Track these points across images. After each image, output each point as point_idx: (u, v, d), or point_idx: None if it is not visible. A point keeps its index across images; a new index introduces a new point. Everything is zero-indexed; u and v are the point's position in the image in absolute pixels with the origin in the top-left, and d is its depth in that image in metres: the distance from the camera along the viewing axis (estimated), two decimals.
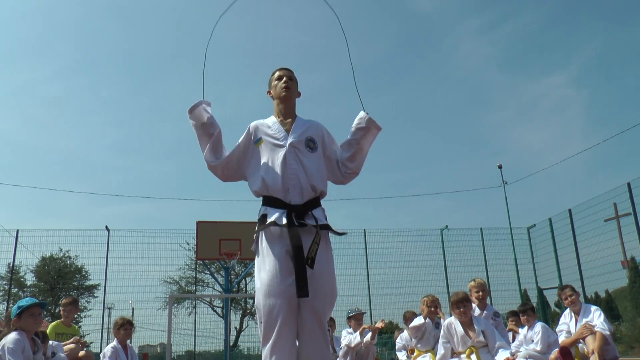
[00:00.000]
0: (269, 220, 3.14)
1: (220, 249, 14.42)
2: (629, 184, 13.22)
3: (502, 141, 47.58)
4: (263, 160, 3.29)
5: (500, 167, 17.32)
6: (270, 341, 2.98)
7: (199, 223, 15.00)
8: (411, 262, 16.94)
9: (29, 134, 49.85)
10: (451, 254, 17.21)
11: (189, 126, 3.40)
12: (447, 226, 17.39)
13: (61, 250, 19.71)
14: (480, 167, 46.06)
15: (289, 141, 3.29)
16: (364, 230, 17.04)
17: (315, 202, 3.27)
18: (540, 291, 16.37)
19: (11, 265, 16.39)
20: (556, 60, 50.34)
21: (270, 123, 3.42)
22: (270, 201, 3.24)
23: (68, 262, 21.06)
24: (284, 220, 3.11)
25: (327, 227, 3.22)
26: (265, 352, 3.01)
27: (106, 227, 16.02)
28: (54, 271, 20.71)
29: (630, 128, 15.51)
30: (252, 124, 3.44)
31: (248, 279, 22.61)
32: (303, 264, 2.98)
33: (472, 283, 6.57)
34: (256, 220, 3.28)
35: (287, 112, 3.45)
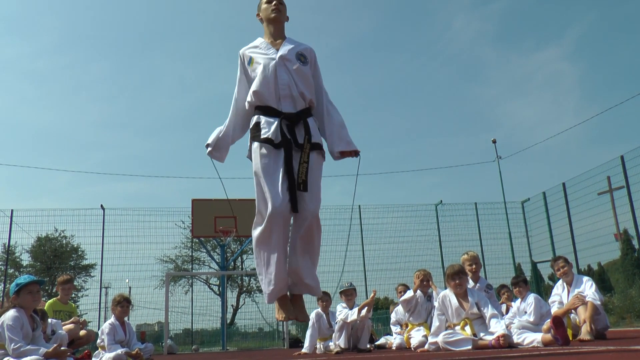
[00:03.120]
0: (263, 133, 3.23)
1: (216, 226, 14.48)
2: (622, 157, 13.27)
3: (496, 116, 47.69)
4: (256, 75, 3.34)
5: (494, 141, 17.34)
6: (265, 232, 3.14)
7: (194, 201, 15.03)
8: (406, 238, 17.05)
9: (16, 111, 49.51)
10: (446, 229, 17.34)
11: (180, 102, 3.48)
12: (441, 201, 17.48)
13: (56, 230, 19.73)
14: (474, 142, 46.16)
15: (279, 54, 3.36)
16: (359, 206, 17.13)
17: (306, 111, 3.36)
18: (534, 265, 16.51)
19: (6, 245, 16.41)
20: (550, 35, 50.21)
21: (258, 43, 3.49)
22: (263, 110, 3.32)
23: (64, 242, 21.06)
24: (278, 137, 3.20)
25: (316, 146, 3.32)
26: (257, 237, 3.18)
27: (101, 206, 16.04)
28: (49, 251, 20.72)
29: (624, 101, 15.46)
30: (241, 50, 3.51)
31: (244, 257, 22.71)
32: (294, 184, 3.14)
33: (465, 256, 6.63)
34: (251, 197, 3.36)
35: (276, 34, 3.51)
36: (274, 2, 3.50)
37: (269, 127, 3.23)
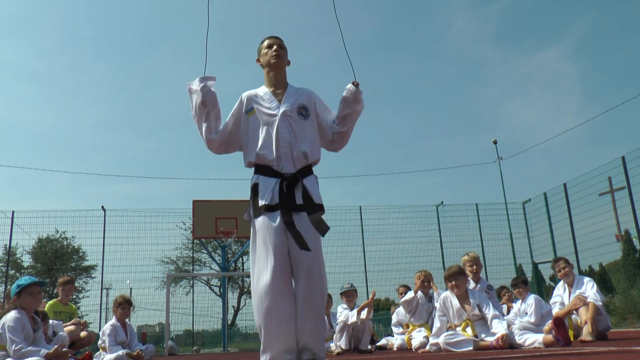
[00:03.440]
0: (260, 197, 3.19)
1: (217, 227, 14.46)
2: (623, 158, 13.26)
3: (496, 116, 47.66)
4: (256, 130, 3.30)
5: (495, 142, 17.33)
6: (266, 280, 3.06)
7: (195, 202, 15.02)
8: (407, 238, 17.02)
9: (16, 112, 49.58)
10: (447, 230, 17.30)
11: (180, 103, 3.43)
12: (442, 202, 17.46)
13: (57, 231, 19.73)
14: (475, 142, 46.15)
15: (281, 110, 3.30)
16: (360, 207, 17.10)
17: (307, 170, 3.30)
18: (535, 265, 16.49)
19: (7, 246, 16.41)
20: (550, 35, 50.20)
21: (262, 93, 3.42)
22: (262, 170, 3.27)
23: (65, 243, 21.05)
24: (275, 199, 3.15)
25: (316, 208, 3.22)
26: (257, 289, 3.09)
27: (102, 207, 16.03)
28: (50, 252, 20.71)
29: (625, 102, 15.50)
30: (244, 94, 3.44)
31: (245, 258, 22.68)
32: (298, 235, 3.06)
33: (466, 257, 6.63)
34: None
35: (277, 81, 3.45)
36: (275, 47, 3.44)
37: (265, 191, 3.19)
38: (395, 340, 7.77)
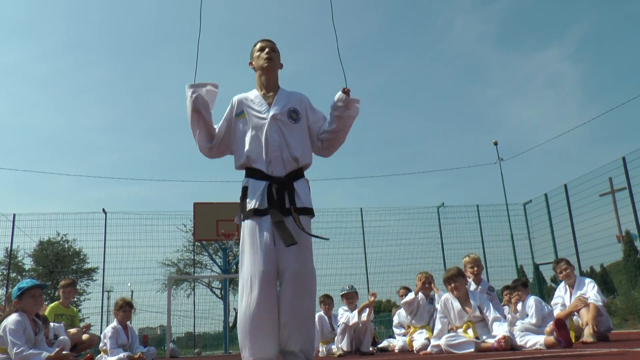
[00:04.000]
0: (248, 202, 3.19)
1: (218, 229, 14.46)
2: (623, 159, 13.23)
3: (497, 117, 47.73)
4: (246, 133, 3.31)
5: (495, 143, 17.31)
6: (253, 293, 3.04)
7: (195, 204, 15.02)
8: (408, 240, 16.99)
9: (18, 115, 49.64)
10: (448, 231, 17.27)
11: (181, 107, 3.42)
12: (443, 203, 17.44)
13: (58, 234, 19.74)
14: (475, 143, 46.20)
15: (271, 113, 3.30)
16: (361, 208, 17.09)
17: (297, 174, 3.29)
18: (536, 267, 16.47)
19: (9, 249, 16.42)
20: (551, 35, 50.26)
21: (253, 96, 3.42)
22: (252, 173, 3.27)
23: (66, 246, 21.08)
24: (264, 203, 3.15)
25: (304, 211, 3.22)
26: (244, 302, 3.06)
27: (103, 209, 16.03)
28: (52, 255, 20.73)
29: (626, 102, 15.45)
30: (235, 98, 3.45)
31: None
32: (286, 232, 3.04)
33: (467, 259, 6.63)
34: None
35: (269, 84, 3.44)
36: (267, 50, 3.44)
37: (254, 194, 3.19)
38: (396, 342, 7.76)
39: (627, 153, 13.20)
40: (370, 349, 7.17)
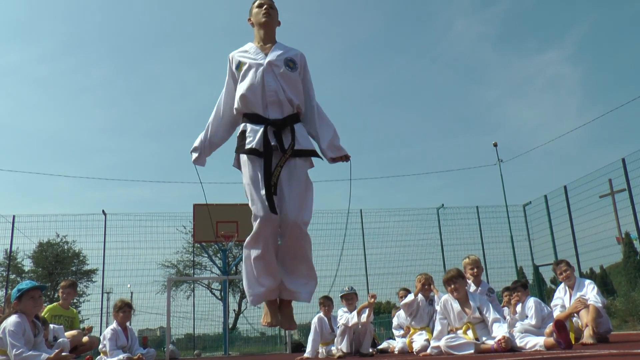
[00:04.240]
0: (248, 143, 3.24)
1: (218, 231, 14.45)
2: (623, 160, 13.22)
3: (497, 119, 47.69)
4: (244, 80, 3.35)
5: (495, 145, 17.31)
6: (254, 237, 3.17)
7: (195, 206, 15.00)
8: (408, 241, 16.97)
9: (18, 116, 49.62)
10: (447, 233, 17.26)
11: (181, 107, 3.49)
12: (443, 205, 17.44)
13: (58, 236, 19.72)
14: (475, 145, 46.17)
15: (267, 60, 3.36)
16: (360, 210, 17.07)
17: (294, 117, 3.34)
18: (536, 268, 16.47)
19: (8, 251, 16.40)
20: (551, 37, 50.25)
21: (248, 47, 3.50)
22: (249, 117, 3.32)
23: (65, 248, 21.04)
24: (261, 145, 3.21)
25: (301, 152, 3.28)
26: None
27: (103, 211, 16.01)
28: (51, 256, 20.69)
29: (625, 104, 15.45)
30: (231, 54, 3.52)
31: None
32: (270, 187, 3.12)
33: (467, 260, 6.63)
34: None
35: (267, 38, 3.51)
36: (265, 7, 3.52)
37: (254, 136, 3.23)
38: (396, 344, 7.76)
39: (626, 154, 13.21)
40: (370, 350, 7.16)
